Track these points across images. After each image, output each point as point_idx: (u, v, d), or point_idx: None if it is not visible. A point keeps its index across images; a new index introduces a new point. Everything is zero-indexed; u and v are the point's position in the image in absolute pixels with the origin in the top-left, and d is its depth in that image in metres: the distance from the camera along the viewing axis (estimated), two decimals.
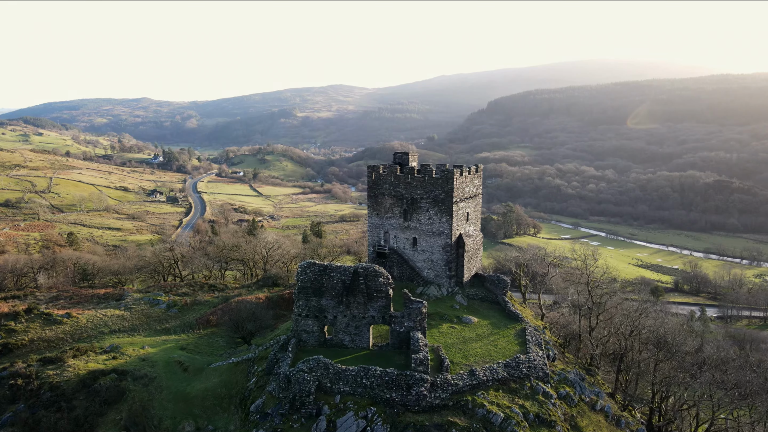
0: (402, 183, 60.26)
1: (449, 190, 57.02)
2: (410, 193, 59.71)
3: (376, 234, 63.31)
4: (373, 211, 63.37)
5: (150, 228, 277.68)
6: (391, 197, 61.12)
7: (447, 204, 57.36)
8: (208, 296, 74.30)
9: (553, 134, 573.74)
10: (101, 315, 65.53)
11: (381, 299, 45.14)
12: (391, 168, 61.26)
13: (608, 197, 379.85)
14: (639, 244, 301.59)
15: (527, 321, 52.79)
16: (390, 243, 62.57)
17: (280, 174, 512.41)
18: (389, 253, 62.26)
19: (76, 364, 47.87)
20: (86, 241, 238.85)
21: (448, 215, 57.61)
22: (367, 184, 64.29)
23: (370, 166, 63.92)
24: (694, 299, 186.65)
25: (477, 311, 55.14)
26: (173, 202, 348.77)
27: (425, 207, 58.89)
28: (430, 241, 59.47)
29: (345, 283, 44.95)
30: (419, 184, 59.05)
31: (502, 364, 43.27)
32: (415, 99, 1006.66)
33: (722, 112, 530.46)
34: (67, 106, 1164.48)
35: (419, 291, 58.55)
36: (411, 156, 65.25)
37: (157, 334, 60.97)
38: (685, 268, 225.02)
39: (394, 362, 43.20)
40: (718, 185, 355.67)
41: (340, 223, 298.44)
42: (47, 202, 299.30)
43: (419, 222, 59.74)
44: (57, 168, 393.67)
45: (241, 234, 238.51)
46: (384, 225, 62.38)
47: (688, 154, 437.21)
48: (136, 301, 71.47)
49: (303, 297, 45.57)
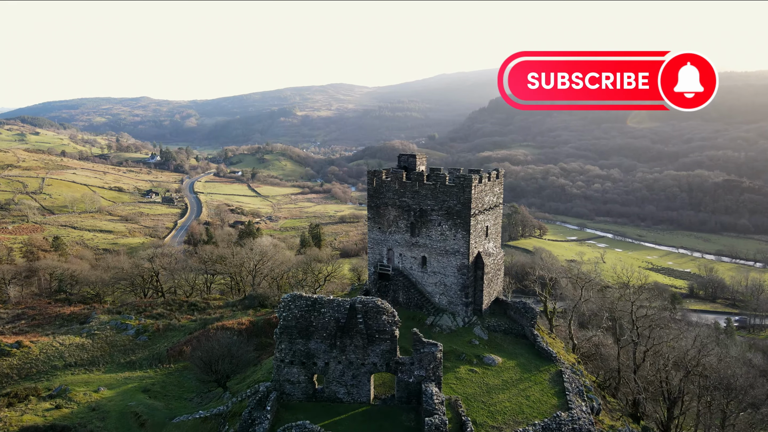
0: (409, 191, 50.74)
1: (466, 201, 47.50)
2: (419, 204, 50.24)
3: (378, 251, 53.88)
4: (374, 224, 53.91)
5: (143, 230, 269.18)
6: (395, 208, 51.69)
7: (463, 217, 47.93)
8: (185, 319, 65.07)
9: (556, 133, 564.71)
10: (58, 343, 56.22)
11: (384, 342, 35.74)
12: (396, 173, 51.92)
13: (614, 197, 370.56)
14: (648, 246, 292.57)
15: (562, 361, 43.34)
16: (394, 262, 52.96)
17: (279, 174, 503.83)
18: (393, 275, 52.84)
19: (9, 416, 38.62)
20: (75, 245, 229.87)
21: (464, 230, 48.14)
22: (367, 193, 54.65)
23: (370, 171, 54.51)
24: (711, 306, 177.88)
25: (500, 348, 45.68)
26: (169, 203, 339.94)
27: (437, 220, 49.47)
28: (442, 261, 50.02)
29: (339, 321, 35.56)
30: (429, 192, 49.64)
31: (540, 426, 33.88)
32: (416, 98, 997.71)
33: (727, 110, 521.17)
34: (66, 106, 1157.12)
35: (430, 321, 49.05)
36: (418, 158, 55.35)
37: (120, 369, 51.67)
38: (699, 271, 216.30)
39: (401, 423, 33.91)
40: (727, 185, 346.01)
41: (340, 225, 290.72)
42: (38, 204, 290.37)
43: (429, 238, 50.33)
44: (51, 168, 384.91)
45: (236, 237, 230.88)
46: (387, 241, 52.97)
47: (694, 153, 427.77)
48: (101, 325, 62.14)
49: (286, 339, 36.10)
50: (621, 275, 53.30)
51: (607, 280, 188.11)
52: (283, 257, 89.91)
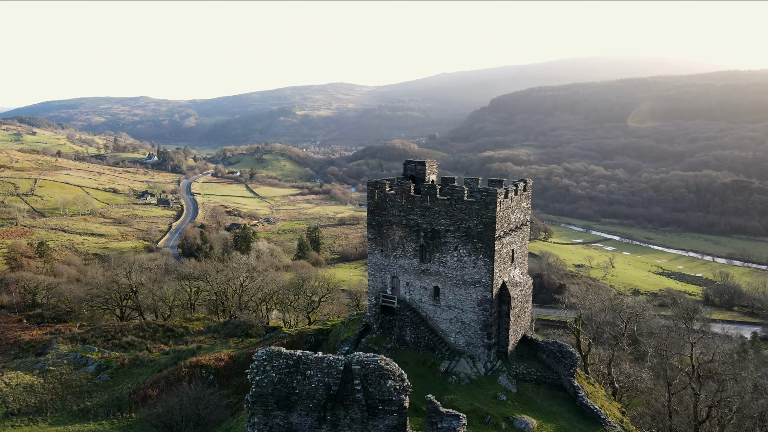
0: (418, 208, 41.96)
1: (489, 220, 38.81)
2: (430, 223, 41.63)
3: (380, 279, 44.90)
4: (375, 246, 44.88)
5: (136, 234, 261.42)
6: (401, 228, 42.86)
7: (486, 240, 39.23)
8: (157, 350, 56.40)
9: (558, 132, 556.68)
10: (4, 383, 47.63)
11: (390, 415, 27.04)
12: (402, 185, 42.86)
13: (620, 198, 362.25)
14: (656, 249, 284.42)
15: (612, 423, 34.58)
16: (400, 293, 44.00)
17: (278, 174, 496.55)
18: (399, 309, 43.76)
19: None
20: (65, 250, 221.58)
21: (486, 256, 39.43)
22: (367, 208, 45.41)
23: (371, 183, 45.32)
24: (729, 315, 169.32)
25: (533, 405, 36.88)
26: (164, 205, 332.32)
27: (452, 243, 40.76)
28: (459, 292, 41.26)
29: (330, 387, 26.84)
30: (444, 209, 40.87)
31: None
32: (416, 97, 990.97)
33: (732, 109, 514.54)
34: (65, 105, 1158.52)
35: (444, 367, 40.10)
36: (428, 166, 46.10)
37: (70, 419, 43.03)
38: (714, 277, 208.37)
39: None
40: (736, 185, 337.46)
41: (339, 227, 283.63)
42: (28, 206, 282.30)
43: (443, 265, 41.61)
44: (44, 169, 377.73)
45: (231, 241, 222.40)
46: (391, 267, 44.09)
47: (700, 153, 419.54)
48: (58, 358, 53.50)
49: (261, 410, 27.38)
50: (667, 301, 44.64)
51: (624, 290, 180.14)
52: (273, 275, 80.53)
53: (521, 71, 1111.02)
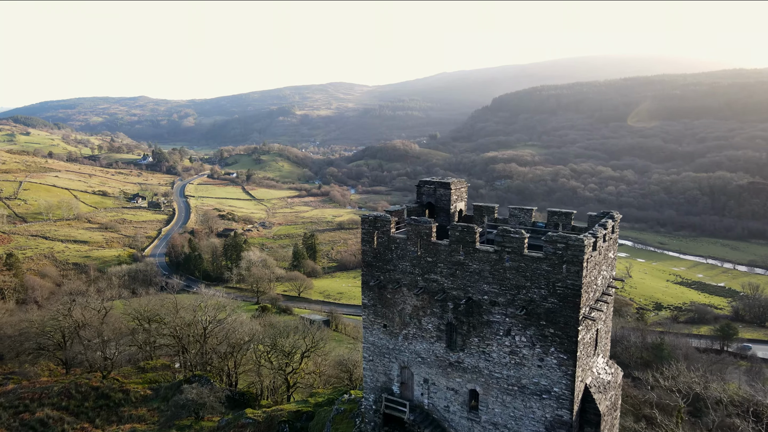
0: (444, 262, 26.63)
1: (571, 291, 23.77)
2: (464, 288, 26.29)
3: (383, 369, 29.43)
4: (375, 318, 29.34)
5: (122, 240, 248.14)
6: (416, 293, 27.35)
7: (563, 323, 24.29)
8: None
9: (562, 132, 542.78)
10: None
11: None
12: (417, 226, 27.54)
13: (630, 200, 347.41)
14: (672, 256, 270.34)
15: None
16: (415, 394, 28.38)
17: (276, 175, 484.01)
18: (413, 422, 27.85)
19: None
20: (43, 259, 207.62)
21: (563, 350, 24.49)
22: (362, 257, 29.90)
23: (368, 220, 29.90)
24: (764, 334, 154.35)
25: None
26: (155, 208, 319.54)
27: (502, 324, 25.76)
28: (512, 404, 26.21)
29: None
30: (487, 267, 25.65)
31: None
32: (417, 96, 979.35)
33: (741, 108, 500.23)
34: (63, 105, 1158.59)
35: None
36: (455, 190, 30.23)
37: None
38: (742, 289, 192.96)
39: None
40: (753, 187, 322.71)
41: (338, 232, 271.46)
42: (10, 211, 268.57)
43: (486, 357, 26.58)
44: (32, 171, 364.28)
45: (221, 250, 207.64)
46: (401, 352, 28.67)
47: (711, 153, 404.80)
48: None
49: None
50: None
51: (646, 304, 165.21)
52: (241, 321, 63.43)
53: (522, 70, 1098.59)
